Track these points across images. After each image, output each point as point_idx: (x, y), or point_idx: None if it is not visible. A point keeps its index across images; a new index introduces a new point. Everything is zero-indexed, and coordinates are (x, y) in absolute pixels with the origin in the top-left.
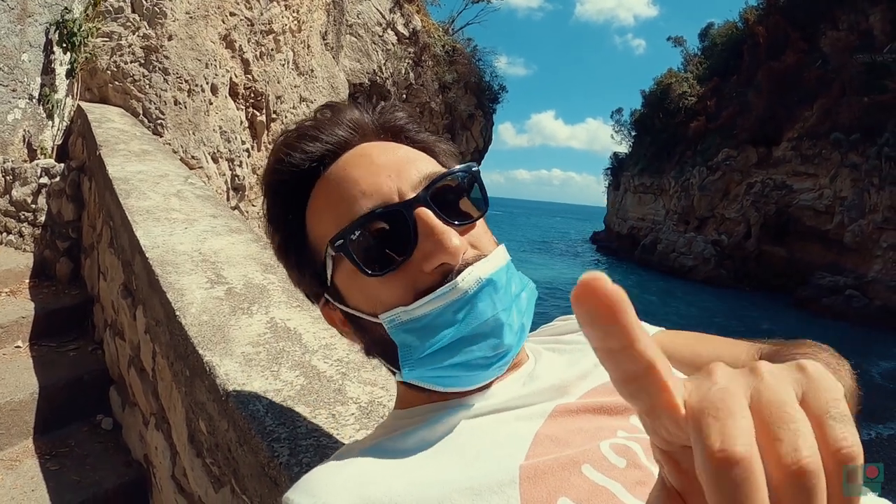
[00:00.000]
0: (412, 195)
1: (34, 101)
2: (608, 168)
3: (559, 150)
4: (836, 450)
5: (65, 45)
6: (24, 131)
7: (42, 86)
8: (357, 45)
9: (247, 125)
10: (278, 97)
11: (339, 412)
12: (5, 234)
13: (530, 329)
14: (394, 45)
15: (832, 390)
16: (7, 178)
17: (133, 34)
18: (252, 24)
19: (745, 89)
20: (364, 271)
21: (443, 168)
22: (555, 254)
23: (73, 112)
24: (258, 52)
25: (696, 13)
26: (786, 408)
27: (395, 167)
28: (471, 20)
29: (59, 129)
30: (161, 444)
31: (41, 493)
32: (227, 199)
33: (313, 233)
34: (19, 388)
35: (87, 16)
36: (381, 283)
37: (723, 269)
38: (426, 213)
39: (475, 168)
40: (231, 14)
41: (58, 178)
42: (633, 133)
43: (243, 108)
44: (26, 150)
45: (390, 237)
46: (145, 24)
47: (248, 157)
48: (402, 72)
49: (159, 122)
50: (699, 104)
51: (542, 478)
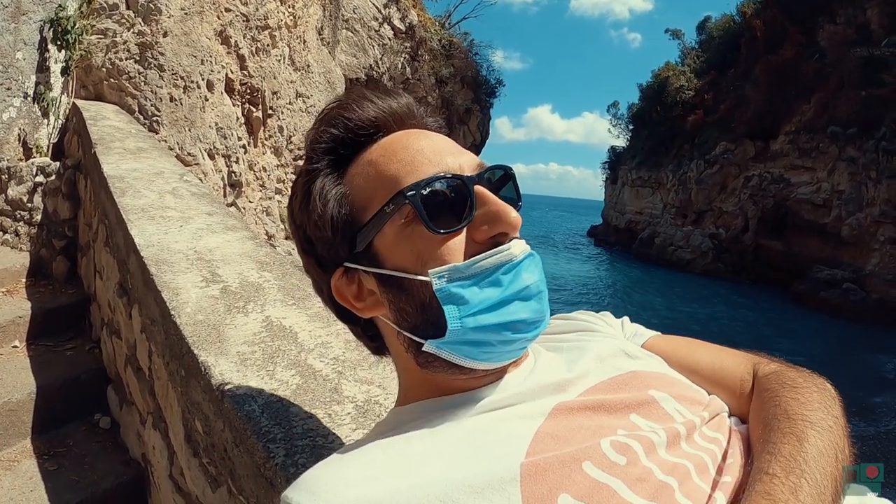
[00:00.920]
0: (472, 174)
1: (29, 99)
2: (606, 162)
3: (556, 144)
4: None
5: (59, 42)
6: (20, 130)
7: (37, 84)
8: (353, 40)
9: (243, 121)
10: (274, 93)
11: (336, 412)
12: (1, 233)
13: None
14: (390, 40)
15: None
16: (2, 176)
17: (128, 31)
18: (247, 20)
19: (742, 83)
20: (429, 225)
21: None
22: (554, 248)
23: (68, 110)
24: (254, 48)
25: (692, 6)
26: None
27: (455, 149)
28: (467, 14)
29: (54, 128)
30: (158, 443)
31: (40, 493)
32: (224, 196)
33: (359, 190)
34: (17, 388)
35: (82, 13)
36: (439, 241)
37: (720, 262)
38: (486, 190)
39: (512, 170)
40: (226, 10)
41: (53, 177)
42: (630, 127)
43: (239, 104)
44: (22, 149)
45: (451, 203)
46: (140, 20)
47: (245, 153)
48: (399, 66)
49: (155, 119)
50: (697, 98)
51: (543, 475)
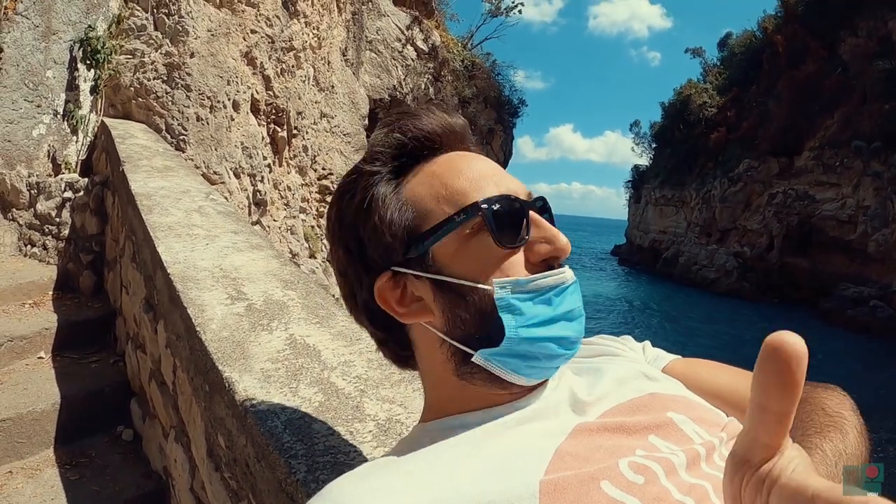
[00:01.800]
0: (525, 199)
1: (59, 116)
2: (629, 181)
3: (578, 163)
4: None
5: (89, 62)
6: (49, 146)
7: (66, 102)
8: (377, 61)
9: (268, 141)
10: (299, 113)
11: (357, 429)
12: (30, 246)
13: None
14: (413, 61)
15: None
16: (32, 191)
17: (156, 51)
18: (273, 42)
19: (765, 99)
20: (497, 238)
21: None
22: (578, 268)
23: (96, 128)
24: (279, 69)
25: (711, 24)
26: None
27: (508, 174)
28: (489, 35)
29: (83, 145)
30: (180, 456)
31: (61, 502)
32: (249, 215)
33: (421, 199)
34: (41, 399)
35: (111, 33)
36: (501, 255)
37: (745, 281)
38: (537, 215)
39: (548, 202)
40: (252, 31)
41: (81, 193)
42: (653, 145)
43: (265, 123)
44: (51, 165)
45: (512, 223)
46: (168, 41)
47: (270, 172)
48: (422, 87)
49: (182, 137)
50: (719, 115)
51: (562, 493)
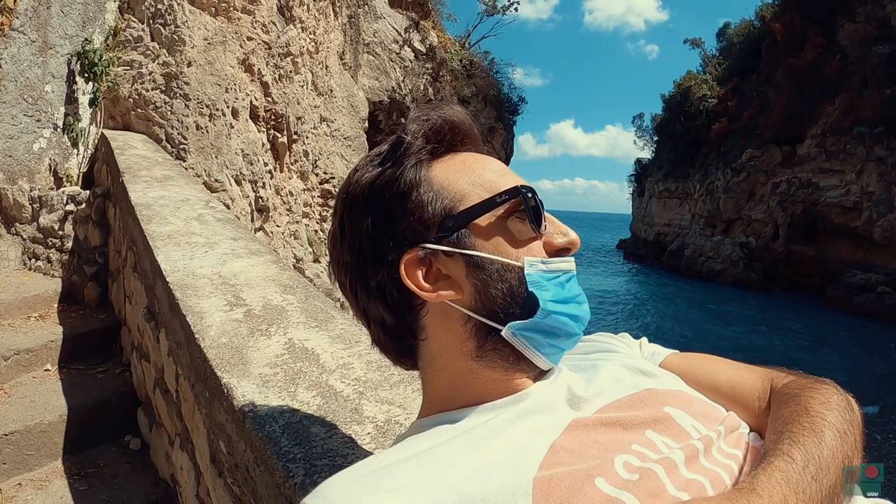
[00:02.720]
0: None
1: (59, 130)
2: (632, 175)
3: (580, 158)
4: None
5: (87, 74)
6: (50, 160)
7: (66, 115)
8: (375, 64)
9: (268, 147)
10: (299, 118)
11: (356, 431)
12: (34, 260)
13: None
14: (411, 62)
15: None
16: (34, 205)
17: (153, 62)
18: (270, 48)
19: (765, 88)
20: (532, 221)
21: None
22: (584, 263)
23: (97, 140)
24: (277, 75)
25: (707, 15)
26: None
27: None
28: (486, 34)
29: (83, 157)
30: (186, 464)
31: None
32: (252, 221)
33: (454, 182)
34: (48, 410)
35: (108, 46)
36: (528, 238)
37: (752, 271)
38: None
39: None
40: (248, 38)
41: (84, 205)
42: (655, 138)
43: (264, 130)
44: (52, 178)
45: (534, 213)
46: (165, 51)
47: (271, 178)
48: (421, 88)
49: (182, 147)
50: (720, 105)
51: (556, 490)
